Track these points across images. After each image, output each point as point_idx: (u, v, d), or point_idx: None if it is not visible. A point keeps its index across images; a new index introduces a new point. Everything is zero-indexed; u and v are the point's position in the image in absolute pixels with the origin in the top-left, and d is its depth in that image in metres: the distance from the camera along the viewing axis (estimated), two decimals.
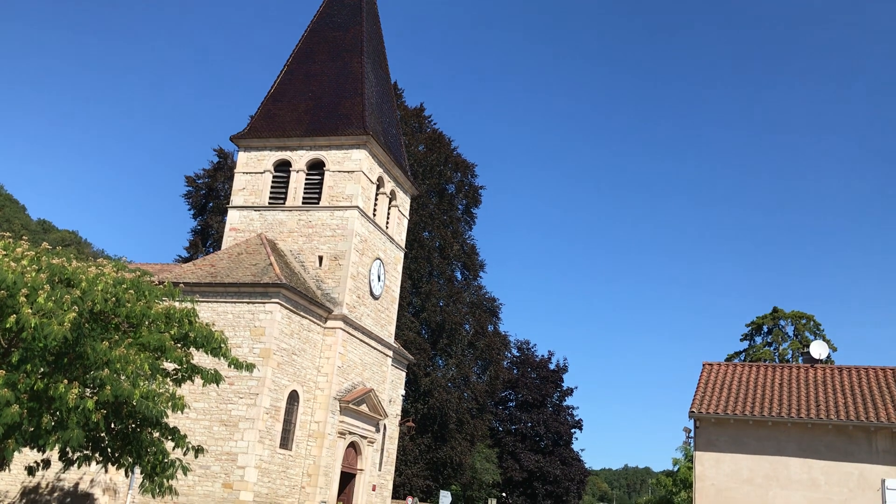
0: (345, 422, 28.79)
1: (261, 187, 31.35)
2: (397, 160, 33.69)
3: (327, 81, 32.80)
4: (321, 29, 34.57)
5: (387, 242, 32.95)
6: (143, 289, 18.44)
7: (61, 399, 15.81)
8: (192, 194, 49.25)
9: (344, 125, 31.12)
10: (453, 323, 47.95)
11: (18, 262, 16.61)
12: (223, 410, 25.49)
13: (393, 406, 34.72)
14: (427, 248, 47.88)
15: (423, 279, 47.71)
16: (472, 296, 51.81)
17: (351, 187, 30.25)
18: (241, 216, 31.14)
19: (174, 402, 18.16)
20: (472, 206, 52.83)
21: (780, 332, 61.96)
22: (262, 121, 32.53)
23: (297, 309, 27.23)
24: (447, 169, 50.33)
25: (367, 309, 31.16)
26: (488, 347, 51.97)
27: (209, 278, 27.03)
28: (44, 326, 15.30)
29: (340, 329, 28.87)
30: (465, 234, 52.17)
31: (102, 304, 17.06)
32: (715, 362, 29.55)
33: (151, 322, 18.49)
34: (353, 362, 29.99)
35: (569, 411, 66.03)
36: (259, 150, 31.91)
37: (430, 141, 49.98)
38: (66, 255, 18.79)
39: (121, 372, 16.69)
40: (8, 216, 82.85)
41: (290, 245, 30.08)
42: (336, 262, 29.49)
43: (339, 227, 29.83)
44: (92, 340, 16.69)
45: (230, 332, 25.48)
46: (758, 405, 25.74)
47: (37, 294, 15.76)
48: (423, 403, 45.49)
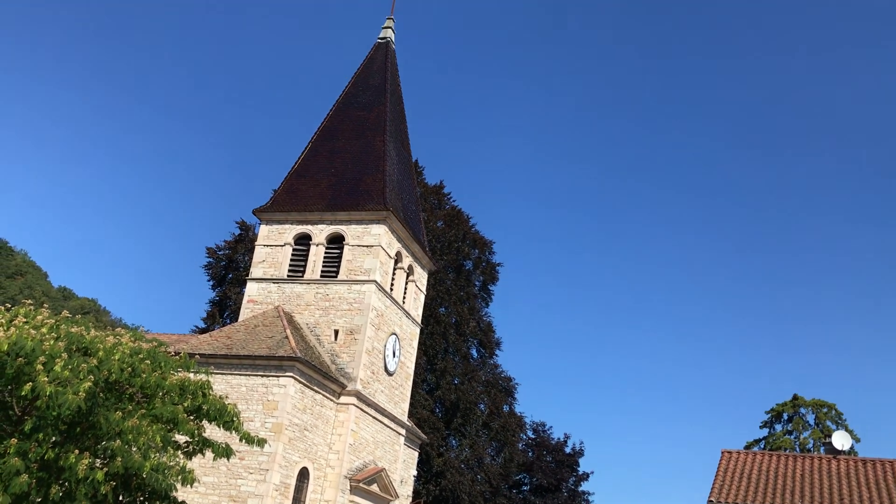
0: (355, 502, 28.23)
1: (280, 260, 31.63)
2: (416, 236, 33.98)
3: (350, 158, 33.42)
4: (346, 108, 35.43)
5: (403, 318, 32.92)
6: (159, 359, 18.48)
7: (71, 469, 15.67)
8: (212, 265, 49.68)
9: (365, 201, 31.54)
10: (468, 402, 47.37)
11: (38, 329, 16.76)
12: (232, 486, 25.11)
13: (405, 487, 34.06)
14: (443, 324, 47.73)
15: (438, 356, 47.40)
16: (487, 374, 51.31)
17: (369, 262, 30.45)
18: (260, 288, 31.32)
19: (184, 475, 17.95)
20: (489, 282, 52.86)
21: (801, 420, 60.65)
22: (285, 195, 33.05)
23: (311, 383, 27.08)
24: (465, 245, 50.60)
25: (381, 385, 30.93)
26: (503, 428, 51.14)
27: (225, 350, 27.03)
28: (59, 395, 15.31)
29: (354, 405, 28.61)
30: (481, 310, 52.04)
31: (118, 373, 17.08)
32: (734, 450, 28.91)
33: (166, 393, 18.46)
34: (366, 440, 29.60)
35: (585, 497, 64.32)
36: (280, 223, 32.32)
37: (449, 217, 50.43)
38: (85, 324, 18.93)
39: (132, 443, 16.58)
40: (30, 283, 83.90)
41: (306, 318, 30.12)
42: (352, 336, 29.44)
43: (356, 300, 29.91)
44: (105, 410, 16.65)
45: (243, 405, 25.32)
46: (779, 496, 25.04)
47: (54, 362, 15.82)
48: (435, 485, 44.57)
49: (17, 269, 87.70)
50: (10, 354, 15.73)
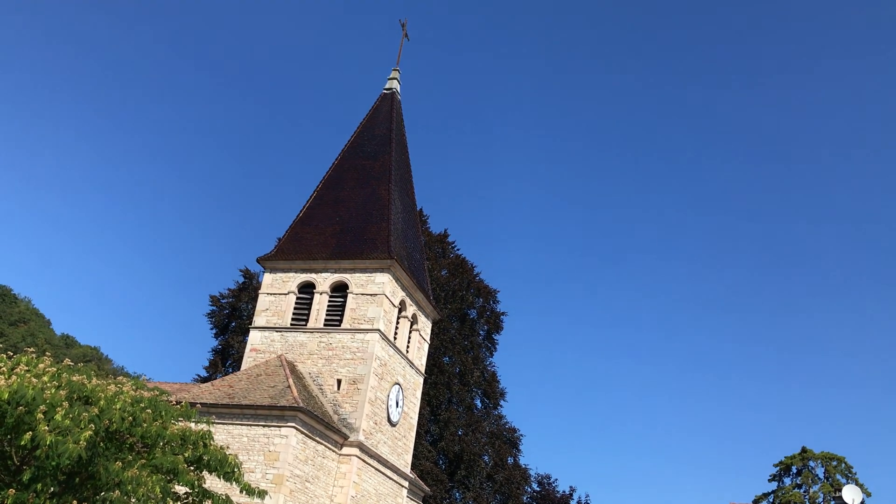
0: None
1: (284, 308, 31.53)
2: (420, 284, 33.91)
3: (355, 207, 33.56)
4: (352, 157, 35.70)
5: (406, 367, 32.68)
6: (160, 408, 18.30)
7: None
8: (215, 314, 49.59)
9: (369, 249, 31.57)
10: (472, 453, 46.74)
11: (40, 378, 16.64)
12: None
13: None
14: (447, 373, 47.36)
15: (442, 406, 46.93)
16: (492, 425, 50.72)
17: (373, 310, 30.33)
18: (263, 337, 31.17)
19: None
20: (493, 331, 52.58)
21: (810, 473, 59.69)
22: (290, 243, 33.11)
23: (313, 434, 26.76)
24: (469, 294, 50.50)
25: (384, 436, 30.55)
26: (508, 481, 50.35)
27: (226, 399, 26.79)
28: (59, 444, 15.13)
29: (356, 456, 28.23)
30: (486, 360, 51.67)
31: (119, 423, 16.91)
32: (742, 503, 28.39)
33: (166, 443, 18.25)
34: (368, 492, 29.12)
35: None
36: (284, 271, 32.31)
37: (453, 266, 50.43)
38: (87, 372, 18.80)
39: (132, 494, 16.33)
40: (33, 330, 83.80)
41: (309, 367, 29.91)
42: (354, 386, 29.19)
43: (360, 349, 29.72)
44: (105, 460, 16.44)
45: (244, 455, 24.99)
46: None
47: (55, 411, 15.68)
48: None
49: (20, 316, 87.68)
50: (11, 403, 15.60)
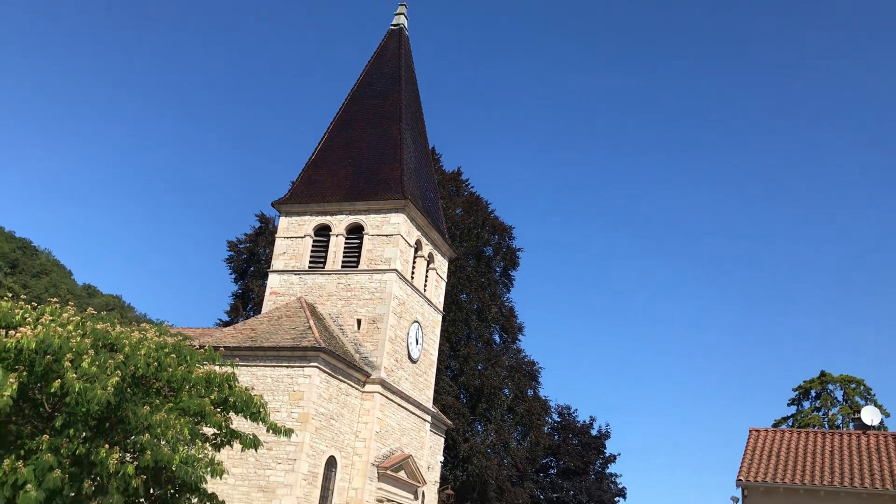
0: (383, 489, 28.37)
1: (301, 252, 31.72)
2: (435, 223, 33.93)
3: (367, 147, 33.40)
4: (361, 97, 35.38)
5: (425, 305, 32.95)
6: (184, 353, 18.63)
7: (102, 464, 15.86)
8: (233, 259, 49.99)
9: (383, 190, 31.53)
10: (492, 387, 47.42)
11: (65, 327, 16.94)
12: (261, 476, 25.32)
13: (432, 473, 34.19)
14: (465, 310, 47.74)
15: (460, 342, 47.44)
16: (511, 359, 51.31)
17: (389, 251, 30.46)
18: (282, 280, 31.46)
19: (213, 467, 18.11)
20: (509, 268, 52.77)
21: (829, 396, 60.19)
22: (303, 186, 33.11)
23: (336, 373, 27.20)
24: (484, 232, 50.52)
25: (405, 373, 31.01)
26: (528, 413, 51.17)
27: (249, 342, 27.21)
28: (87, 391, 15.48)
29: (378, 393, 28.72)
30: (503, 296, 51.98)
31: (145, 368, 17.24)
32: (762, 428, 28.74)
33: (192, 386, 18.61)
34: (391, 427, 29.71)
35: (612, 479, 64.31)
36: (300, 215, 32.40)
37: (468, 204, 50.34)
38: (111, 320, 19.10)
39: (161, 437, 16.74)
40: (55, 281, 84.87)
41: (328, 308, 30.23)
42: (374, 325, 29.51)
43: (378, 290, 29.95)
44: (133, 405, 16.82)
45: (269, 396, 25.49)
46: (808, 473, 24.88)
47: (81, 359, 16.00)
48: (462, 470, 44.72)
49: (41, 268, 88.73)
50: (38, 352, 15.93)
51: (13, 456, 15.76)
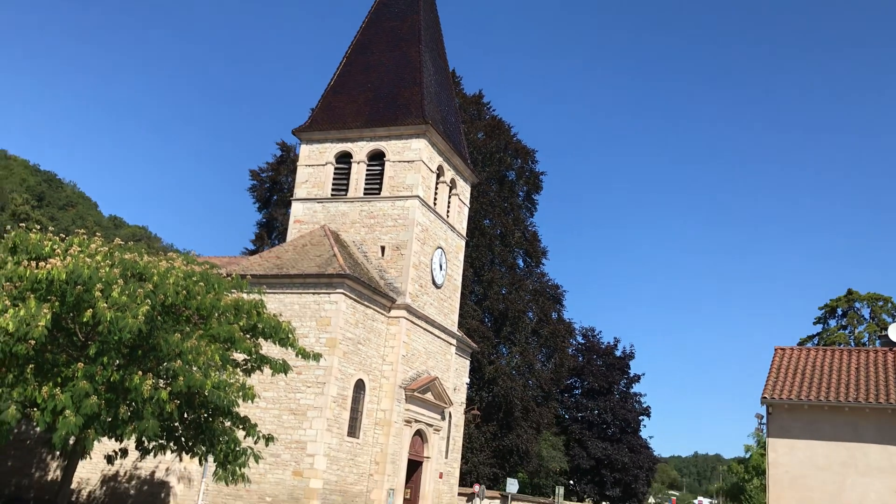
0: (411, 410, 28.97)
1: (323, 179, 31.68)
2: (457, 148, 33.63)
3: (386, 72, 32.90)
4: (379, 20, 34.67)
5: (448, 231, 32.96)
6: (212, 281, 18.85)
7: (136, 390, 16.29)
8: (256, 188, 50.13)
9: (403, 115, 31.18)
10: (516, 311, 47.76)
11: (93, 257, 17.14)
12: (291, 399, 25.91)
13: (458, 394, 34.81)
14: (488, 235, 47.74)
15: (484, 267, 47.61)
16: (534, 283, 51.50)
17: (411, 177, 30.32)
18: (305, 208, 31.53)
19: (244, 391, 18.55)
20: (532, 192, 52.45)
21: (856, 314, 59.97)
22: (323, 113, 32.83)
23: (362, 299, 27.47)
24: (507, 156, 50.06)
25: (430, 298, 31.26)
26: (552, 335, 51.63)
27: (275, 270, 27.47)
28: (118, 320, 15.77)
29: (404, 318, 29.04)
30: (526, 220, 51.84)
31: (174, 296, 17.49)
32: (787, 347, 28.77)
33: (221, 314, 18.89)
34: (418, 351, 30.14)
35: (636, 398, 65.14)
36: (320, 142, 32.22)
37: (490, 128, 49.76)
38: (138, 250, 19.31)
39: (192, 363, 17.11)
40: (81, 213, 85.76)
41: (352, 236, 30.34)
42: (398, 251, 29.63)
43: (401, 216, 29.95)
44: (164, 333, 17.14)
45: (297, 322, 25.85)
46: (833, 390, 24.97)
47: (111, 289, 16.24)
48: (487, 391, 45.49)
49: (67, 200, 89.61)
50: (69, 283, 16.19)
51: (51, 383, 16.23)
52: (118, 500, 25.87)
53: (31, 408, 16.52)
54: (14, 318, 15.23)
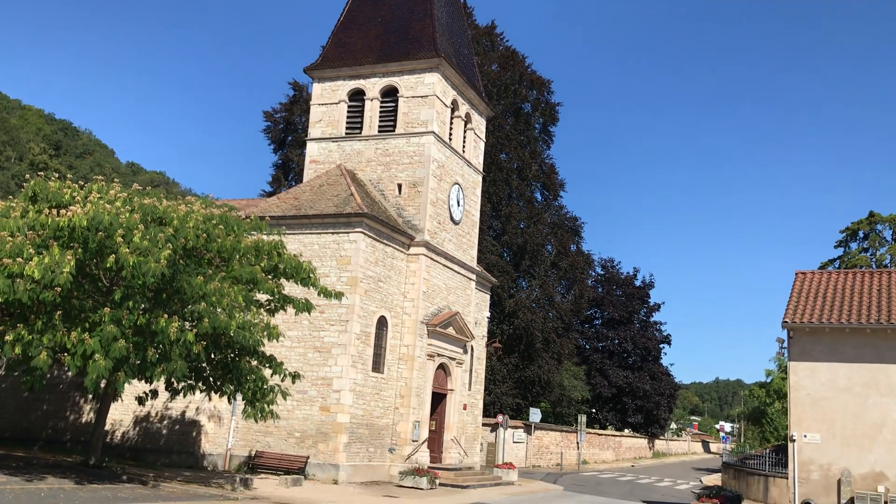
0: (433, 344, 29.33)
1: (337, 118, 31.46)
2: (471, 81, 33.18)
3: (396, 5, 32.28)
4: None
5: (464, 167, 32.79)
6: (231, 224, 18.98)
7: (163, 333, 16.59)
8: (271, 129, 49.95)
9: (415, 49, 30.72)
10: (535, 244, 47.78)
11: (112, 203, 17.26)
12: (316, 338, 26.28)
13: (479, 328, 35.14)
14: (505, 170, 47.46)
15: (502, 202, 47.48)
16: (552, 216, 51.38)
17: (425, 112, 30.03)
18: (320, 148, 31.41)
19: (269, 331, 18.85)
20: (549, 124, 51.85)
21: (878, 236, 59.44)
22: (334, 50, 32.41)
23: (381, 237, 27.57)
24: (522, 87, 49.35)
25: (449, 234, 31.30)
26: (571, 267, 51.72)
27: (293, 211, 27.55)
28: (141, 265, 15.97)
29: (423, 255, 29.15)
30: (542, 153, 51.42)
31: (194, 240, 17.65)
32: (808, 271, 28.67)
33: (242, 255, 19.08)
34: (438, 287, 30.34)
35: (656, 327, 65.62)
36: (333, 80, 31.89)
37: (503, 59, 48.96)
38: (157, 195, 19.42)
39: (217, 305, 17.35)
40: (99, 160, 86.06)
41: (368, 174, 30.26)
42: (415, 189, 29.56)
43: (416, 153, 29.79)
44: (187, 276, 17.35)
45: (317, 262, 26.03)
46: (854, 312, 24.94)
47: (132, 234, 16.40)
48: (508, 324, 45.90)
49: (84, 148, 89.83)
50: (91, 229, 16.36)
51: (79, 329, 16.56)
52: (151, 440, 26.60)
53: (61, 353, 16.90)
54: (39, 266, 15.47)
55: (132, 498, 16.69)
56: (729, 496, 25.99)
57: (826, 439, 24.21)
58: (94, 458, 20.87)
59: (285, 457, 25.13)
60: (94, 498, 16.01)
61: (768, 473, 29.65)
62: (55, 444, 27.27)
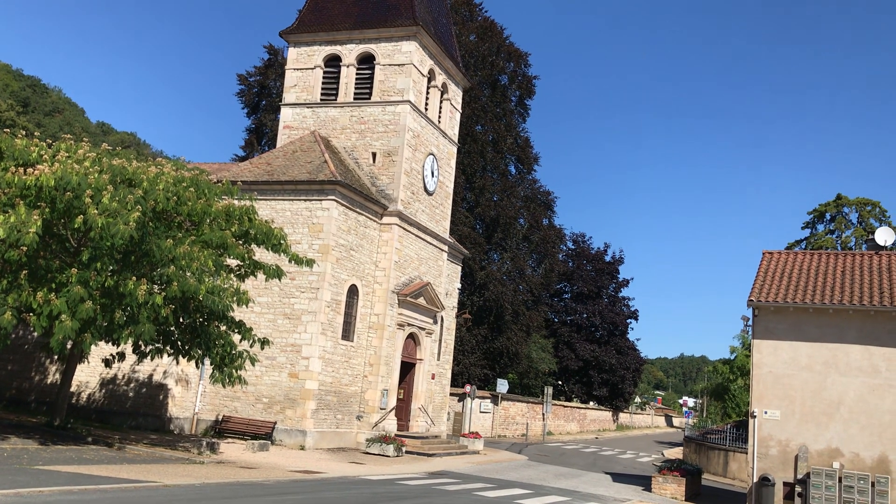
0: (403, 314, 29.41)
1: (312, 84, 31.14)
2: (448, 51, 32.97)
3: None
4: None
5: (439, 137, 32.68)
6: (202, 187, 18.80)
7: (131, 295, 16.45)
8: (244, 93, 49.27)
9: (393, 16, 30.42)
10: (508, 217, 47.91)
11: (81, 163, 16.99)
12: (286, 304, 26.23)
13: (450, 299, 35.28)
14: (480, 142, 47.38)
15: (476, 174, 47.47)
16: (526, 190, 51.50)
17: (402, 81, 29.82)
18: (294, 114, 31.11)
19: (238, 296, 18.77)
20: (525, 97, 51.76)
21: (844, 219, 60.40)
22: (311, 14, 31.99)
23: (353, 205, 27.47)
24: (499, 59, 49.14)
25: (422, 205, 31.27)
26: (543, 241, 52.00)
27: (266, 176, 27.33)
28: (110, 226, 15.78)
29: (396, 225, 29.12)
30: (518, 126, 51.37)
31: (164, 202, 17.47)
32: (775, 251, 29.07)
33: (212, 220, 18.93)
34: (410, 257, 30.36)
35: (624, 302, 66.34)
36: (309, 45, 31.51)
37: (482, 30, 48.66)
38: (127, 156, 19.14)
39: (186, 268, 17.23)
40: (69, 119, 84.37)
41: (343, 142, 30.06)
42: (389, 158, 29.44)
43: (392, 122, 29.62)
44: (156, 239, 17.19)
45: (289, 229, 25.91)
46: (818, 293, 25.39)
47: (101, 195, 16.17)
48: (478, 296, 46.13)
49: (53, 106, 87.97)
50: (58, 189, 16.11)
51: (45, 289, 16.37)
52: (117, 403, 26.49)
53: (26, 313, 16.71)
54: (4, 225, 15.23)
55: (97, 459, 16.65)
56: (689, 469, 26.53)
57: (786, 416, 24.75)
58: (59, 420, 20.76)
59: (253, 422, 25.19)
60: (58, 459, 15.95)
61: (728, 448, 30.27)
62: (19, 405, 27.06)
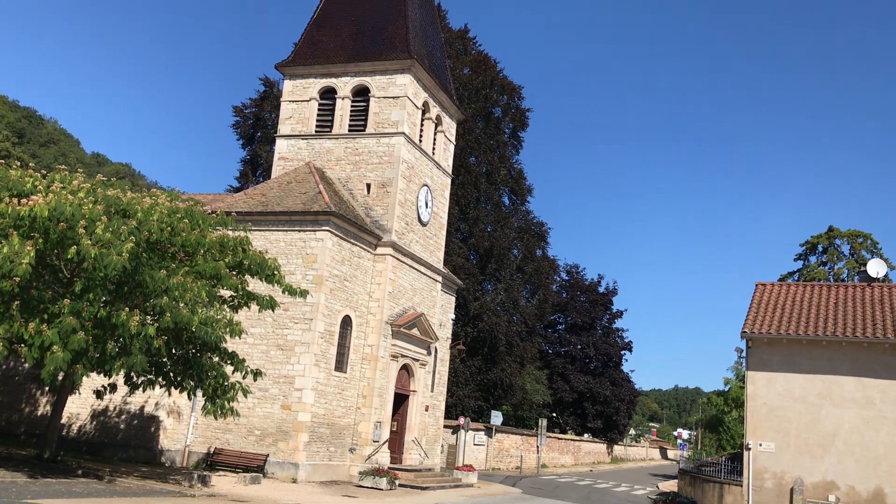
0: (397, 345, 29.33)
1: (307, 115, 31.35)
2: (442, 84, 33.27)
3: (370, 5, 32.27)
4: None
5: (433, 169, 32.85)
6: (196, 218, 18.82)
7: (124, 326, 16.39)
8: (240, 124, 49.54)
9: (388, 49, 30.73)
10: (501, 248, 48.01)
11: (75, 194, 17.01)
12: (279, 335, 26.14)
13: (443, 330, 35.21)
14: (474, 173, 47.63)
15: (470, 205, 47.64)
16: (520, 220, 51.67)
17: (396, 113, 30.05)
18: (289, 145, 31.27)
19: (232, 327, 18.70)
20: (518, 129, 52.15)
21: (836, 251, 60.67)
22: (307, 47, 32.30)
23: (348, 236, 27.52)
24: (493, 92, 49.58)
25: (416, 235, 31.34)
26: (537, 272, 52.05)
27: (260, 207, 27.39)
28: (103, 257, 15.76)
29: (390, 255, 29.15)
30: (512, 158, 51.69)
31: (158, 233, 17.47)
32: (768, 282, 29.18)
33: (206, 250, 18.92)
34: (404, 288, 30.35)
35: (618, 333, 66.29)
36: (304, 77, 31.78)
37: (476, 63, 49.15)
38: (121, 187, 19.18)
39: (179, 299, 17.18)
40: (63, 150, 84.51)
41: (337, 173, 30.20)
42: (384, 189, 29.55)
43: (386, 154, 29.78)
44: (150, 269, 17.16)
45: (283, 259, 25.91)
46: (811, 325, 25.45)
47: (95, 225, 16.18)
48: (472, 327, 46.04)
49: (48, 137, 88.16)
50: (52, 220, 16.12)
51: (37, 320, 16.30)
52: (108, 434, 26.25)
53: (18, 344, 16.61)
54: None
55: (86, 493, 16.46)
56: (684, 502, 26.34)
57: (780, 448, 24.67)
58: (49, 452, 20.55)
59: (244, 454, 24.97)
60: (47, 492, 15.77)
61: (723, 481, 30.06)
62: (9, 437, 26.78)
